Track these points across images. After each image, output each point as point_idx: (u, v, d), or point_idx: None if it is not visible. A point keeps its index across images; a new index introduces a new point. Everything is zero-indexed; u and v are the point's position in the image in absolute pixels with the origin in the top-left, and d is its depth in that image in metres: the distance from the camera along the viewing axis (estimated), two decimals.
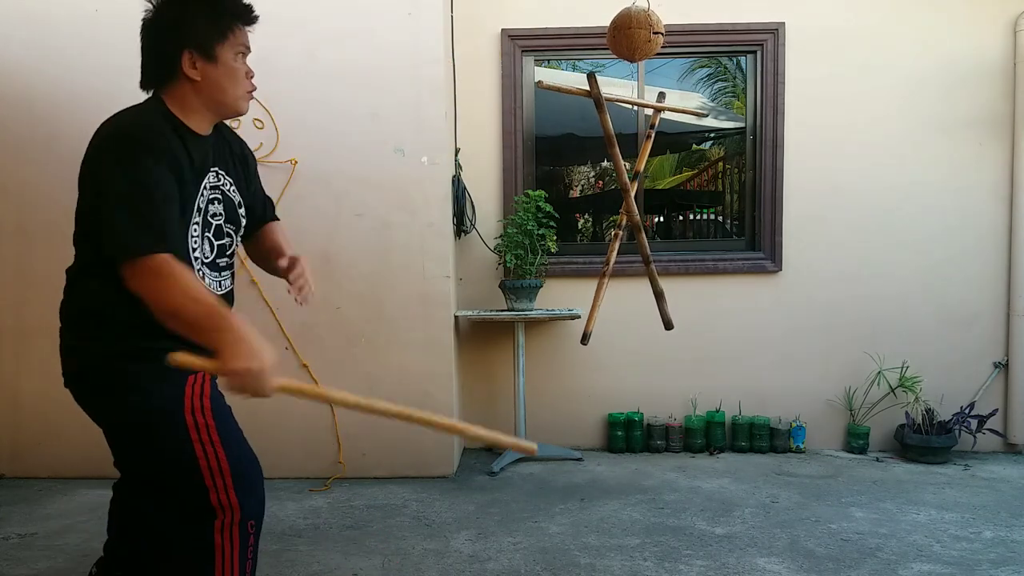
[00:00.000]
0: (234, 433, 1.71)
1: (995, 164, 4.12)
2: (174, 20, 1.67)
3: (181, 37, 1.66)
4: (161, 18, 1.69)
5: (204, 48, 1.67)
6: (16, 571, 2.57)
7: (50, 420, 3.66)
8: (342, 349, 3.63)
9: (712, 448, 4.13)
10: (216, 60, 1.68)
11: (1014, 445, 4.15)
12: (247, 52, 1.76)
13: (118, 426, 1.71)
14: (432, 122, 3.62)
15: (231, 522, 1.65)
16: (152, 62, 1.71)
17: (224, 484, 1.63)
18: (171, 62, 1.67)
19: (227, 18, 1.70)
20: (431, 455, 3.66)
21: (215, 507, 1.63)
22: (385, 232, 3.63)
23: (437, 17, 3.63)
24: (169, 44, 1.67)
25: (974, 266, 4.15)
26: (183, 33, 1.66)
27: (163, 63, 1.69)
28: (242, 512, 1.66)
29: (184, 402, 1.62)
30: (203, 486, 1.62)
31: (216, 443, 1.63)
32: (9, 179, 3.65)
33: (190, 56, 1.66)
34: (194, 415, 1.62)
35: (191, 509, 1.64)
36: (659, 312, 3.01)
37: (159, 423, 1.62)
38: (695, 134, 4.79)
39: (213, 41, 1.67)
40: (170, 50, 1.67)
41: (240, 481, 1.66)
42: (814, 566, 2.57)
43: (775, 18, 4.11)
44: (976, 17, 4.07)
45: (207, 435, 1.63)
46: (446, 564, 2.60)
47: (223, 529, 1.64)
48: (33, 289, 3.64)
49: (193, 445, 1.61)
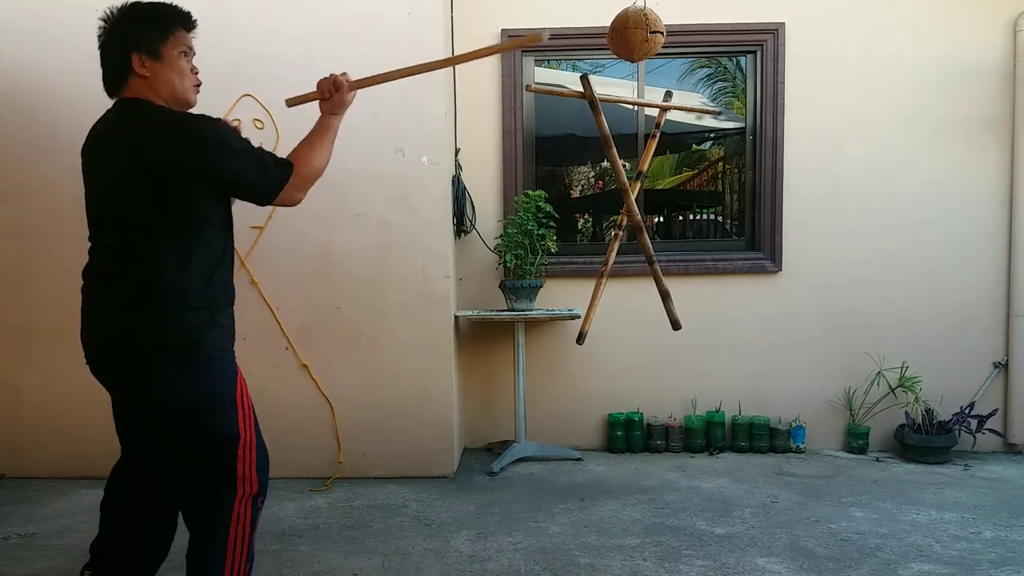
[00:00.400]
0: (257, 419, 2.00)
1: (995, 164, 4.12)
2: (124, 28, 1.93)
3: (130, 43, 1.91)
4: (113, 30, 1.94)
5: (151, 49, 1.91)
6: (16, 571, 2.57)
7: (50, 420, 3.67)
8: (342, 349, 3.63)
9: (712, 448, 4.13)
10: (162, 58, 1.93)
11: (1014, 445, 4.15)
12: (190, 52, 2.00)
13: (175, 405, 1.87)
14: (432, 122, 3.62)
15: (248, 495, 1.92)
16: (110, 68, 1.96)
17: (250, 460, 1.91)
18: (123, 68, 1.92)
19: (169, 22, 1.95)
20: (431, 455, 3.66)
21: (238, 480, 1.89)
22: (385, 232, 3.63)
23: (437, 17, 3.63)
24: (122, 49, 1.92)
25: (974, 266, 4.15)
26: (132, 39, 1.91)
27: (116, 71, 1.94)
28: (258, 487, 1.94)
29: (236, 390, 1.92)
30: (235, 458, 1.89)
31: (252, 427, 1.94)
32: (9, 179, 3.65)
33: (139, 58, 1.91)
34: (242, 400, 1.93)
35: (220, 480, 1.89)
36: (666, 312, 3.01)
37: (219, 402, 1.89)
38: (695, 134, 4.79)
39: (158, 43, 1.92)
40: (123, 54, 1.91)
41: (260, 462, 1.95)
42: (814, 566, 2.57)
43: (775, 18, 4.12)
44: (976, 17, 4.07)
45: (249, 419, 1.94)
46: (446, 564, 2.61)
47: (241, 500, 1.90)
48: (33, 289, 3.65)
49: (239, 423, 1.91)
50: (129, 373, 1.91)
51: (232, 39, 3.56)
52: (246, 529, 1.92)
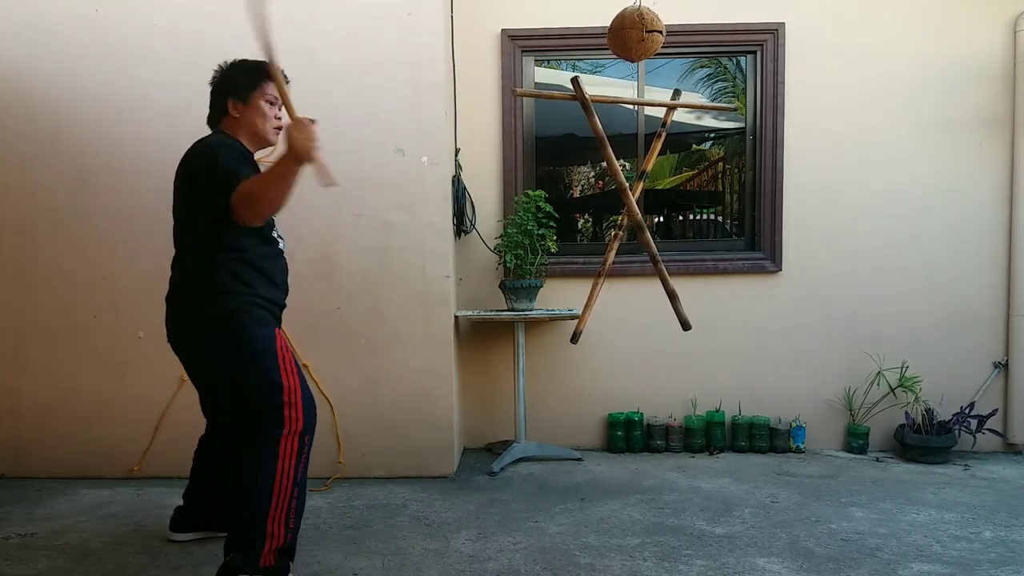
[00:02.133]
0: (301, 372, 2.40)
1: (995, 164, 4.12)
2: (224, 82, 2.50)
3: (228, 90, 2.48)
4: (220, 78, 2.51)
5: (243, 96, 2.46)
6: (16, 571, 2.57)
7: (50, 420, 3.67)
8: (342, 349, 3.63)
9: (712, 448, 4.13)
10: (248, 103, 2.47)
11: (1014, 445, 4.15)
12: (276, 101, 2.46)
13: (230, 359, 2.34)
14: (432, 122, 3.62)
15: (294, 432, 2.31)
16: (214, 109, 2.52)
17: (295, 402, 2.32)
18: (222, 108, 2.49)
19: (261, 75, 2.43)
20: (431, 455, 3.66)
21: (285, 420, 2.29)
22: (385, 232, 3.63)
23: (437, 17, 3.63)
24: (221, 95, 2.49)
25: (974, 266, 4.15)
26: (229, 88, 2.48)
27: (218, 110, 2.50)
28: (304, 424, 2.33)
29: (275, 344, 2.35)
30: (281, 401, 2.29)
31: (293, 373, 2.34)
32: (10, 179, 3.65)
33: (233, 102, 2.47)
34: (282, 351, 2.35)
35: (264, 425, 2.28)
36: (675, 313, 2.99)
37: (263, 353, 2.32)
38: (695, 134, 4.79)
39: (248, 91, 2.46)
40: (221, 100, 2.49)
41: (307, 403, 2.36)
42: (814, 566, 2.57)
43: (775, 18, 4.12)
44: (976, 17, 4.07)
45: (289, 367, 2.34)
46: (446, 564, 2.61)
47: (287, 437, 2.30)
48: (34, 289, 3.65)
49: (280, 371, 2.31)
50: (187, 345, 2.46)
51: (231, 40, 3.55)
52: (292, 460, 2.29)
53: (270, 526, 2.25)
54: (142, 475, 3.64)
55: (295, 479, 2.30)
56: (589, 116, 2.83)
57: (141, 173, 3.58)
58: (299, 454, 2.32)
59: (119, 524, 3.02)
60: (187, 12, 3.57)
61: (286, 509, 2.28)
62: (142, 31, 3.58)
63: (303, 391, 2.36)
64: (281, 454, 2.28)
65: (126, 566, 2.60)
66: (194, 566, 2.60)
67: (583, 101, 2.82)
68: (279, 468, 2.27)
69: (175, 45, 3.56)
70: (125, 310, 3.61)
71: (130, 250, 3.60)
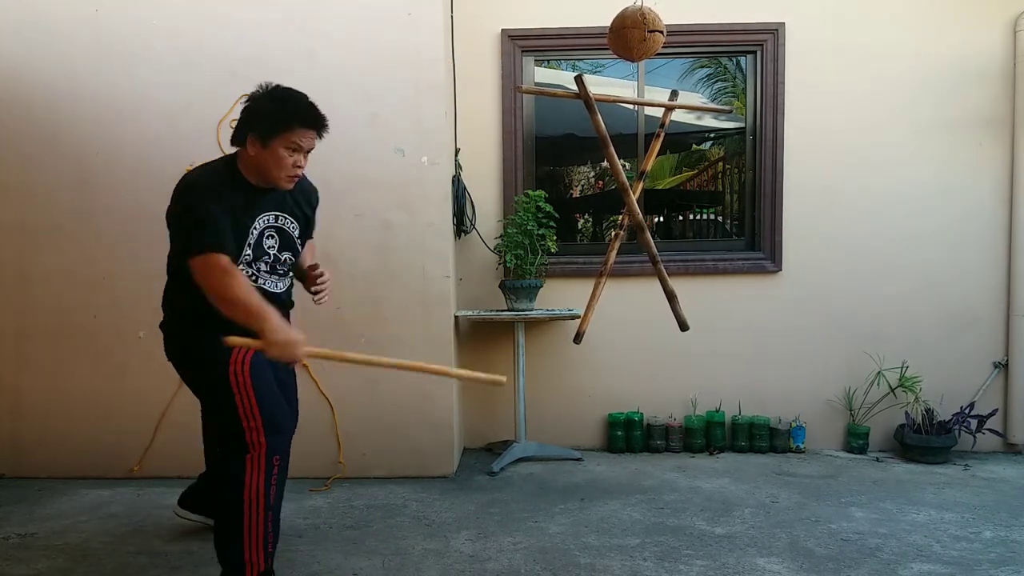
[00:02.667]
0: (268, 389, 2.29)
1: (995, 164, 4.12)
2: (251, 110, 2.29)
3: (251, 123, 2.27)
4: (247, 106, 2.30)
5: (262, 137, 2.26)
6: (16, 571, 2.57)
7: (50, 420, 3.67)
8: (342, 349, 3.62)
9: (712, 448, 4.13)
10: (268, 148, 2.26)
11: (1014, 445, 4.15)
12: (299, 148, 2.30)
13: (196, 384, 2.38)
14: (432, 122, 3.62)
15: (259, 455, 2.22)
16: (236, 132, 2.32)
17: (255, 426, 2.22)
18: (242, 138, 2.30)
19: (287, 121, 2.25)
20: (431, 455, 3.66)
21: (248, 443, 2.22)
22: (385, 232, 3.63)
23: (437, 17, 3.63)
24: (244, 125, 2.29)
25: (974, 266, 4.15)
26: (253, 122, 2.27)
27: (238, 137, 2.31)
28: (267, 448, 2.23)
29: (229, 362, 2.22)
30: (240, 426, 2.22)
31: (251, 395, 2.22)
32: (9, 179, 3.65)
33: (252, 139, 2.27)
34: (235, 373, 2.22)
35: (232, 443, 2.23)
36: (673, 313, 2.99)
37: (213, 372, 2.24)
38: (695, 134, 4.79)
39: (269, 135, 2.25)
40: (243, 129, 2.29)
41: (269, 425, 2.24)
42: (814, 566, 2.57)
43: (775, 18, 4.12)
44: (976, 17, 4.07)
45: (245, 388, 2.22)
46: (446, 564, 2.60)
47: (252, 460, 2.22)
48: (34, 289, 3.65)
49: (233, 395, 2.21)
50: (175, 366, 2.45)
51: (231, 40, 3.56)
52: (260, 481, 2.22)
53: (247, 553, 2.21)
54: (142, 475, 3.64)
55: (267, 502, 2.23)
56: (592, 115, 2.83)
57: (141, 173, 3.58)
58: (267, 476, 2.24)
59: (119, 524, 3.02)
60: (187, 12, 3.57)
61: (262, 533, 2.23)
62: (142, 31, 3.58)
63: (264, 413, 2.24)
64: (248, 477, 2.21)
65: (126, 566, 2.60)
66: (194, 566, 2.60)
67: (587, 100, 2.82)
68: (247, 491, 2.20)
69: (175, 45, 3.56)
70: (125, 310, 3.60)
71: (130, 250, 3.60)
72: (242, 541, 2.20)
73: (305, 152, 2.33)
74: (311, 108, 2.30)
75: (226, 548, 2.24)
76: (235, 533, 2.21)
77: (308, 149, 2.34)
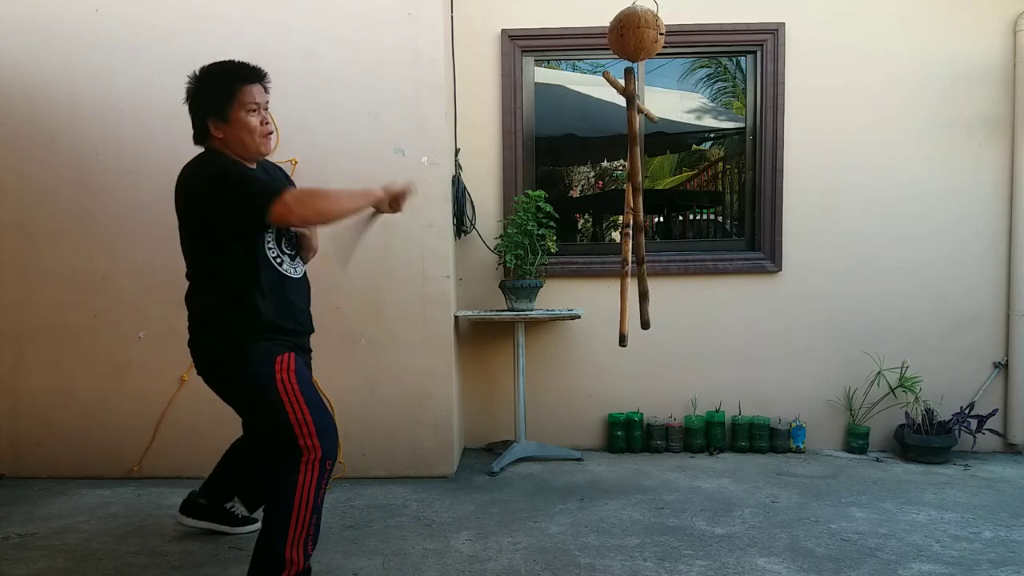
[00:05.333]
0: (314, 395, 2.31)
1: (995, 164, 4.12)
2: (195, 100, 2.28)
3: (203, 110, 2.26)
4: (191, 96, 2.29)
5: (219, 113, 2.24)
6: (16, 571, 2.57)
7: (50, 420, 3.67)
8: (342, 349, 3.63)
9: (712, 448, 4.13)
10: (230, 121, 2.25)
11: (1014, 445, 4.15)
12: (256, 106, 2.27)
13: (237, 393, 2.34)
14: (432, 122, 3.62)
15: (314, 459, 2.22)
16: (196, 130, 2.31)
17: (309, 432, 2.22)
18: (203, 129, 2.28)
19: (228, 85, 2.24)
20: (431, 455, 3.66)
21: (302, 448, 2.21)
22: (385, 232, 3.62)
23: (437, 17, 3.63)
24: (198, 117, 2.28)
25: (974, 266, 4.15)
26: (205, 105, 2.25)
27: (200, 132, 2.30)
28: (322, 452, 2.23)
29: (275, 375, 2.23)
30: (292, 434, 2.21)
31: (301, 402, 2.23)
32: (9, 178, 3.65)
33: (213, 122, 2.25)
34: (283, 383, 2.23)
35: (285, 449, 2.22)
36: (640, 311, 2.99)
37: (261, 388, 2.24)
38: (695, 134, 4.79)
39: (225, 107, 2.23)
40: (201, 120, 2.28)
41: (321, 429, 2.24)
42: (814, 566, 2.57)
43: (775, 18, 4.12)
44: (976, 17, 4.07)
45: (294, 396, 2.23)
46: (446, 564, 2.60)
47: (307, 464, 2.22)
48: (33, 289, 3.65)
49: (284, 404, 2.22)
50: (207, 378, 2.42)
51: (231, 40, 3.56)
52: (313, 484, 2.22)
53: (289, 552, 2.21)
54: (142, 475, 3.64)
55: (315, 504, 2.24)
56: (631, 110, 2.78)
57: (141, 173, 3.58)
58: (320, 478, 2.25)
59: (119, 524, 3.02)
60: (187, 12, 3.57)
61: (304, 535, 2.24)
62: (142, 31, 3.58)
63: (316, 419, 2.25)
64: (301, 478, 2.22)
65: (126, 566, 2.60)
66: (194, 566, 2.60)
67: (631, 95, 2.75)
68: (299, 492, 2.21)
69: (175, 45, 3.56)
70: (125, 310, 3.61)
71: (130, 250, 3.60)
72: (286, 539, 2.21)
73: (264, 108, 2.32)
74: (245, 64, 2.32)
75: (269, 544, 2.23)
76: (281, 531, 2.21)
77: (264, 104, 2.33)
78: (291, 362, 2.29)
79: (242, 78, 2.27)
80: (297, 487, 2.20)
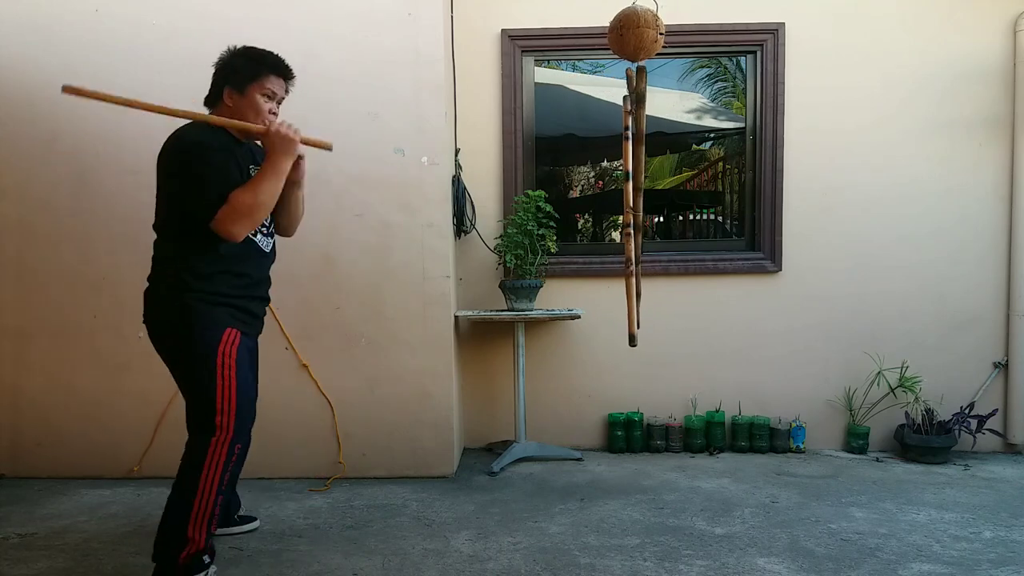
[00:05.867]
0: (247, 382, 2.42)
1: (995, 164, 4.12)
2: (225, 66, 2.46)
3: (227, 77, 2.45)
4: (220, 62, 2.48)
5: (239, 85, 2.42)
6: (16, 571, 2.57)
7: (50, 420, 3.67)
8: (342, 349, 3.63)
9: (712, 448, 4.13)
10: (245, 95, 2.43)
11: (1014, 445, 4.15)
12: (273, 96, 2.47)
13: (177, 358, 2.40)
14: (432, 122, 3.62)
15: (224, 440, 2.34)
16: (212, 91, 2.49)
17: (228, 410, 2.34)
18: (218, 93, 2.46)
19: (259, 68, 2.44)
20: (431, 455, 3.66)
21: (216, 425, 2.33)
22: (385, 232, 3.63)
23: (437, 17, 3.63)
24: (219, 80, 2.46)
25: (974, 266, 4.15)
26: (228, 74, 2.45)
27: (214, 94, 2.48)
28: (233, 434, 2.35)
29: (218, 346, 2.33)
30: (212, 409, 2.32)
31: (232, 382, 2.34)
32: (9, 178, 3.65)
33: (229, 91, 2.44)
34: (222, 356, 2.34)
35: (201, 422, 2.35)
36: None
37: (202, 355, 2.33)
38: (695, 134, 4.79)
39: (246, 82, 2.42)
40: (219, 84, 2.46)
41: (240, 413, 2.36)
42: (814, 566, 2.57)
43: (775, 18, 4.12)
44: (976, 17, 4.08)
45: (228, 373, 2.34)
46: (446, 564, 2.60)
47: (216, 443, 2.33)
48: (33, 289, 3.65)
49: (216, 379, 2.32)
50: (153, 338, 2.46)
51: (231, 40, 3.55)
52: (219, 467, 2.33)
53: (191, 531, 2.30)
54: (142, 475, 3.64)
55: (219, 487, 2.33)
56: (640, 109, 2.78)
57: (141, 173, 3.56)
58: (226, 462, 2.35)
59: (119, 524, 3.02)
60: (187, 12, 3.57)
61: (208, 515, 2.33)
62: (142, 31, 3.58)
63: (239, 403, 2.35)
64: (208, 458, 2.32)
65: (126, 566, 2.60)
66: None
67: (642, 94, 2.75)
68: (204, 472, 2.31)
69: (175, 45, 3.56)
70: (125, 310, 3.60)
71: (130, 250, 3.60)
72: (189, 517, 2.30)
73: (277, 102, 2.49)
74: (280, 58, 2.48)
75: (172, 520, 2.32)
76: (185, 509, 2.30)
77: (279, 99, 2.50)
78: (236, 339, 2.39)
79: (272, 66, 2.45)
80: (203, 467, 2.31)
